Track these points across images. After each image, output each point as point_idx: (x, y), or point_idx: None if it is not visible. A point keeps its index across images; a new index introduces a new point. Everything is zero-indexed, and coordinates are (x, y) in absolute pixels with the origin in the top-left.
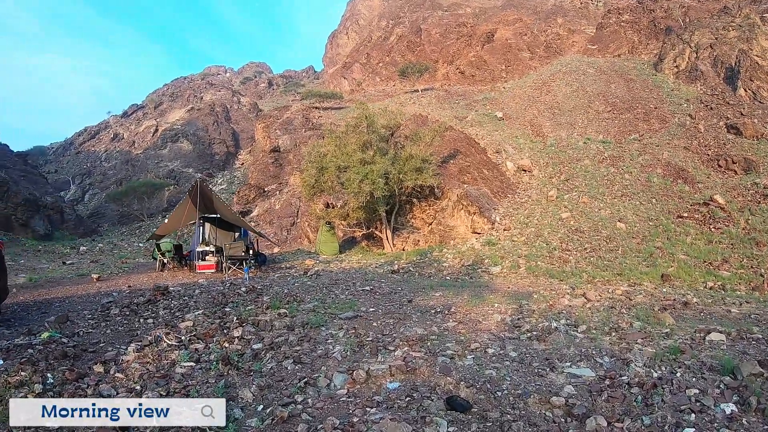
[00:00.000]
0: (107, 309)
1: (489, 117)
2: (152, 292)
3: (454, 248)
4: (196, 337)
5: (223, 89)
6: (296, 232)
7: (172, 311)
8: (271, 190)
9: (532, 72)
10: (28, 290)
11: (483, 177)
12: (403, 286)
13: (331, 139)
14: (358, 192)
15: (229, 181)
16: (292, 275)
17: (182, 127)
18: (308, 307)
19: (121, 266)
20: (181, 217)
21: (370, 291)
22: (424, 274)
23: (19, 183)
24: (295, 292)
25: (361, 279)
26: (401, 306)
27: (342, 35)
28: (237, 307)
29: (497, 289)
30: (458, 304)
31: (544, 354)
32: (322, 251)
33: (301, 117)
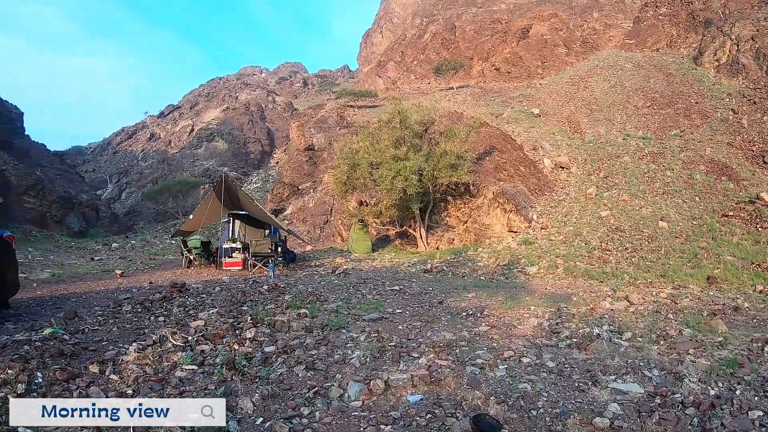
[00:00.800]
0: (119, 306)
1: (525, 114)
2: (168, 289)
3: (490, 247)
4: (204, 338)
5: (258, 89)
6: (329, 230)
7: (186, 309)
8: (305, 188)
9: (569, 68)
10: (49, 285)
11: (519, 174)
12: (435, 286)
13: (364, 136)
14: (390, 189)
15: (263, 180)
16: (320, 273)
17: (217, 127)
18: (331, 308)
19: (148, 263)
20: (205, 213)
21: (399, 291)
22: (458, 273)
23: (54, 181)
24: (320, 291)
25: (391, 278)
26: (431, 307)
27: (376, 34)
28: (256, 306)
29: (534, 290)
30: (492, 306)
31: (586, 365)
32: (354, 249)
33: (335, 115)
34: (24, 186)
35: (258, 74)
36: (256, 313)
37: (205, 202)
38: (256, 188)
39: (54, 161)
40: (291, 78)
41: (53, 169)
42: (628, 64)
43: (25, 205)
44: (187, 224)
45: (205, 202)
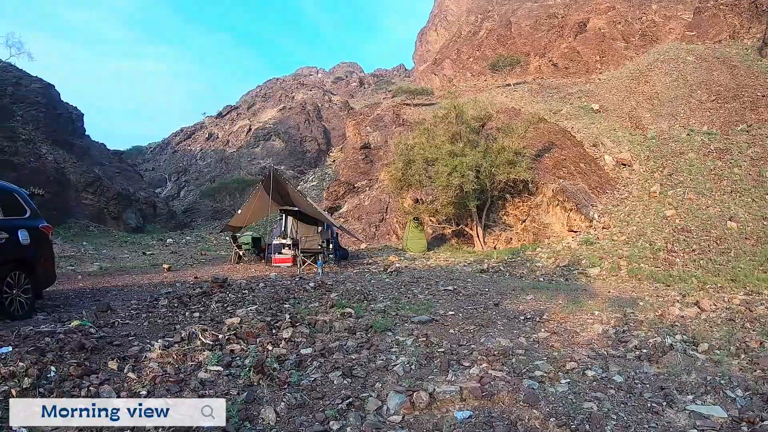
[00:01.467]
0: (156, 300)
1: (584, 110)
2: (210, 284)
3: (549, 247)
4: (237, 337)
5: (314, 88)
6: (384, 228)
7: (224, 305)
8: (360, 186)
9: (628, 62)
10: (94, 278)
11: (580, 171)
12: (491, 287)
13: (419, 132)
14: (446, 185)
15: (320, 178)
16: (371, 271)
17: (274, 126)
18: (378, 308)
19: (198, 258)
20: (252, 208)
21: (453, 291)
22: (516, 274)
23: (113, 179)
24: (369, 289)
25: (446, 278)
26: (486, 310)
27: (431, 32)
28: (298, 304)
29: (596, 293)
30: (552, 309)
31: (658, 380)
32: (409, 248)
33: (391, 113)
34: (83, 183)
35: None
36: (297, 311)
37: (253, 197)
38: (312, 186)
39: (113, 160)
40: (347, 78)
41: (112, 167)
42: (690, 57)
43: (84, 202)
44: (235, 219)
45: (253, 196)
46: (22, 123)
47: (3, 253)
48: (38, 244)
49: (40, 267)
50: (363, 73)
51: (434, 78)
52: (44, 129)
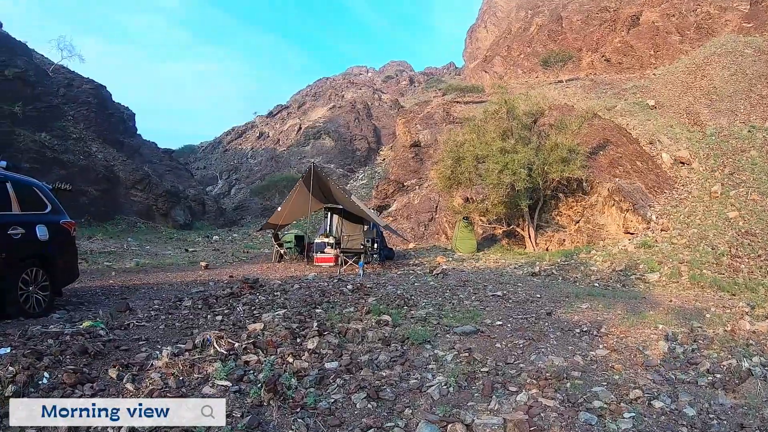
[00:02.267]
0: (179, 301)
1: (640, 106)
2: (239, 285)
3: (604, 250)
4: (255, 346)
5: (364, 87)
6: (434, 228)
7: (252, 308)
8: (410, 185)
9: (684, 56)
10: (128, 275)
11: (636, 170)
12: (543, 292)
13: (469, 128)
14: (497, 183)
15: (369, 177)
16: (416, 273)
17: (324, 125)
18: (419, 315)
19: (240, 255)
20: (296, 205)
21: (502, 297)
22: (569, 278)
23: (163, 177)
24: (411, 293)
25: (495, 281)
26: (537, 320)
27: (480, 29)
28: (332, 308)
29: (657, 302)
30: (610, 321)
31: (737, 415)
32: (458, 248)
33: (441, 111)
34: (132, 181)
35: (364, 74)
36: (329, 317)
37: (293, 194)
38: (362, 185)
39: (163, 158)
40: (397, 76)
41: (162, 165)
42: (748, 50)
43: (133, 199)
44: (275, 217)
45: (293, 193)
46: (73, 122)
47: (19, 249)
48: (58, 240)
49: (60, 264)
50: (413, 72)
51: (485, 75)
52: (95, 128)
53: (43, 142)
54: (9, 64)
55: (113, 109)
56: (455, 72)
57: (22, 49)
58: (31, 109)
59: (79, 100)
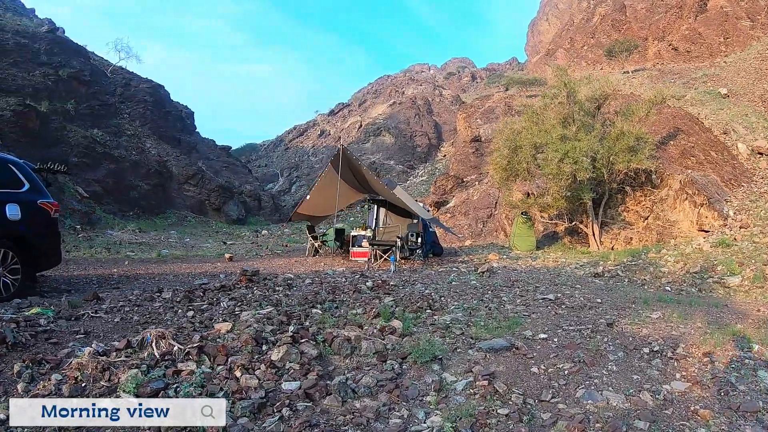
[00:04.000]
0: (160, 292)
1: (711, 95)
2: (238, 277)
3: (676, 249)
4: (201, 351)
5: (425, 84)
6: (493, 225)
7: (238, 304)
8: (469, 180)
9: (755, 42)
10: (142, 264)
11: (710, 161)
12: (605, 297)
13: (527, 115)
14: (557, 174)
15: (430, 173)
16: (459, 271)
17: (384, 122)
18: (442, 322)
19: (276, 249)
20: (329, 194)
21: (554, 302)
22: (636, 280)
23: (220, 173)
24: (442, 294)
25: (549, 282)
26: (594, 333)
27: (542, 22)
28: (336, 309)
29: (743, 312)
30: (688, 337)
31: None
32: (515, 246)
33: (503, 105)
34: (185, 176)
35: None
36: (322, 320)
37: (321, 179)
38: (422, 181)
39: (221, 155)
40: (459, 73)
41: (219, 161)
42: None
43: (186, 193)
44: (305, 205)
45: (321, 178)
46: (128, 120)
47: None
48: (34, 221)
49: (36, 246)
50: (475, 68)
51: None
52: (151, 125)
53: (94, 137)
54: (65, 65)
55: (171, 108)
56: (518, 67)
57: (79, 52)
58: (85, 107)
59: (136, 98)
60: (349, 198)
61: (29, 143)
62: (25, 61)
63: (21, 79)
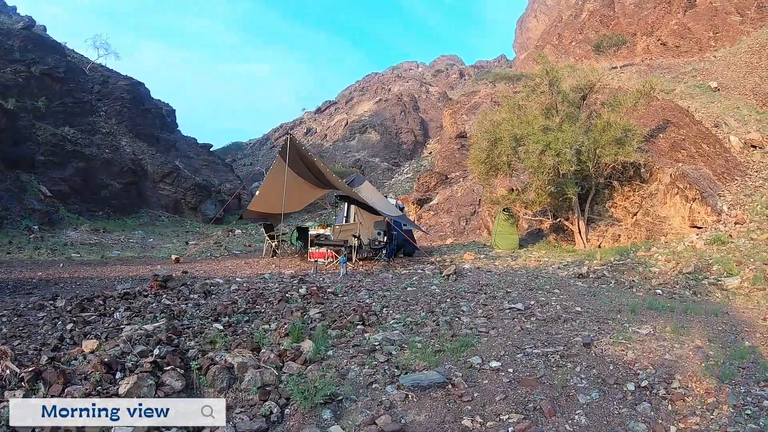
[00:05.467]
0: (53, 299)
1: (701, 88)
2: (149, 283)
3: (667, 247)
4: (40, 377)
5: (412, 80)
6: (476, 222)
7: (134, 315)
8: (454, 177)
9: (745, 37)
10: (76, 267)
11: (702, 153)
12: (587, 303)
13: (508, 106)
14: (538, 167)
15: (415, 170)
16: (424, 274)
17: (369, 118)
18: (371, 342)
19: (233, 249)
20: (279, 189)
21: (523, 312)
22: (624, 282)
23: (199, 171)
24: (387, 303)
25: (524, 286)
26: (565, 358)
27: (530, 18)
28: (245, 322)
29: (747, 321)
30: (686, 363)
31: None
32: (497, 244)
33: (489, 101)
34: (160, 174)
35: (414, 69)
36: (213, 339)
37: (274, 173)
38: (407, 179)
39: (201, 153)
40: (447, 70)
41: (199, 160)
42: None
43: (161, 192)
44: (257, 203)
45: (273, 172)
46: (104, 118)
47: None
48: None
49: None
50: (463, 66)
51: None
52: (127, 123)
53: (64, 135)
54: (39, 62)
55: (150, 105)
56: (507, 64)
57: (55, 49)
58: (58, 104)
59: (113, 96)
60: (309, 194)
61: None
62: None
63: None
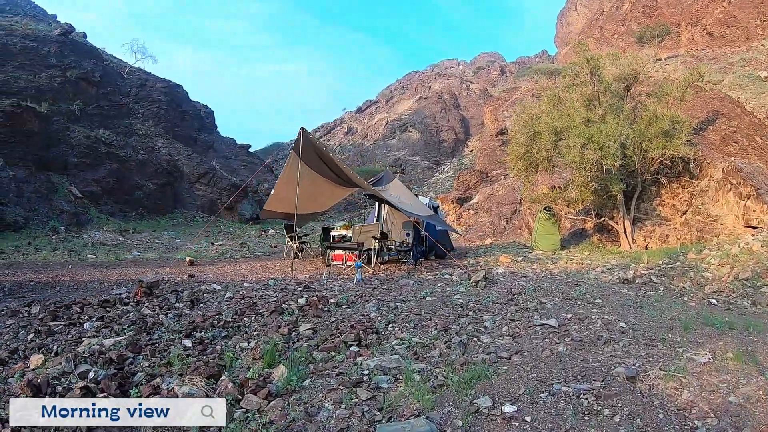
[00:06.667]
0: (28, 306)
1: (750, 78)
2: (134, 290)
3: (720, 249)
4: None
5: (452, 78)
6: (517, 222)
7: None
8: (494, 175)
9: None
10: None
11: (755, 147)
12: (632, 318)
13: (548, 99)
14: (580, 162)
15: (456, 169)
16: (451, 280)
17: (410, 117)
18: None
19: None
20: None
21: (556, 330)
22: (674, 289)
23: (238, 171)
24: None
25: (561, 295)
26: (601, 398)
27: (571, 12)
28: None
29: None
30: (756, 407)
31: None
32: (538, 245)
33: (530, 96)
34: (196, 174)
35: (455, 66)
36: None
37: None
38: (447, 177)
39: (239, 153)
40: (488, 67)
41: (238, 160)
42: None
43: (197, 192)
44: (273, 201)
45: (288, 169)
46: (141, 120)
47: None
48: None
49: None
50: (504, 62)
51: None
52: (164, 125)
53: (98, 137)
54: (74, 66)
55: (188, 107)
56: (548, 60)
57: (91, 53)
58: (94, 107)
59: (150, 98)
60: (334, 194)
61: (22, 143)
62: (32, 63)
63: (24, 81)
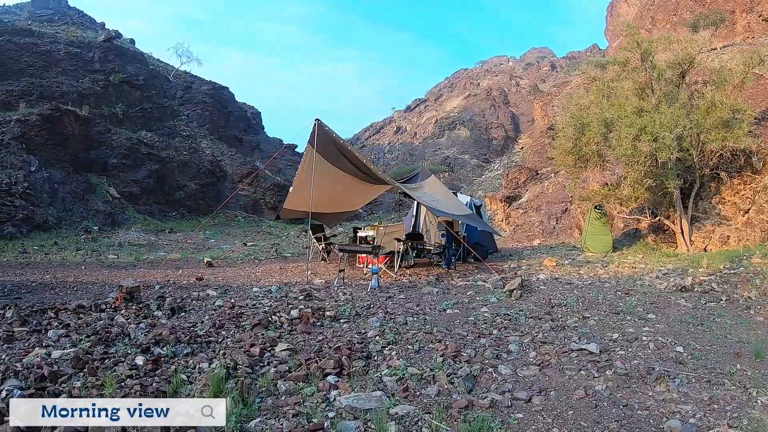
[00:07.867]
0: (2, 310)
1: None
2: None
3: None
4: None
5: (501, 74)
6: (567, 221)
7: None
8: (545, 172)
9: None
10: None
11: None
12: (690, 338)
13: (597, 88)
14: (632, 155)
15: (506, 166)
16: (483, 289)
17: (459, 115)
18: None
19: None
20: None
21: (597, 359)
22: (737, 299)
23: (283, 171)
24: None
25: (609, 308)
26: None
27: (621, 4)
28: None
29: None
30: None
31: None
32: (588, 246)
33: (582, 90)
34: (239, 174)
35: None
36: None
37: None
38: (497, 175)
39: (285, 153)
40: (538, 63)
41: (283, 160)
42: None
43: (240, 192)
44: (291, 200)
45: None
46: (186, 121)
47: None
48: None
49: None
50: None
51: None
52: (209, 126)
53: (140, 139)
54: (119, 71)
55: (234, 108)
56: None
57: (135, 57)
58: (137, 110)
59: (195, 100)
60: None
61: (60, 145)
62: (75, 68)
63: (67, 85)
